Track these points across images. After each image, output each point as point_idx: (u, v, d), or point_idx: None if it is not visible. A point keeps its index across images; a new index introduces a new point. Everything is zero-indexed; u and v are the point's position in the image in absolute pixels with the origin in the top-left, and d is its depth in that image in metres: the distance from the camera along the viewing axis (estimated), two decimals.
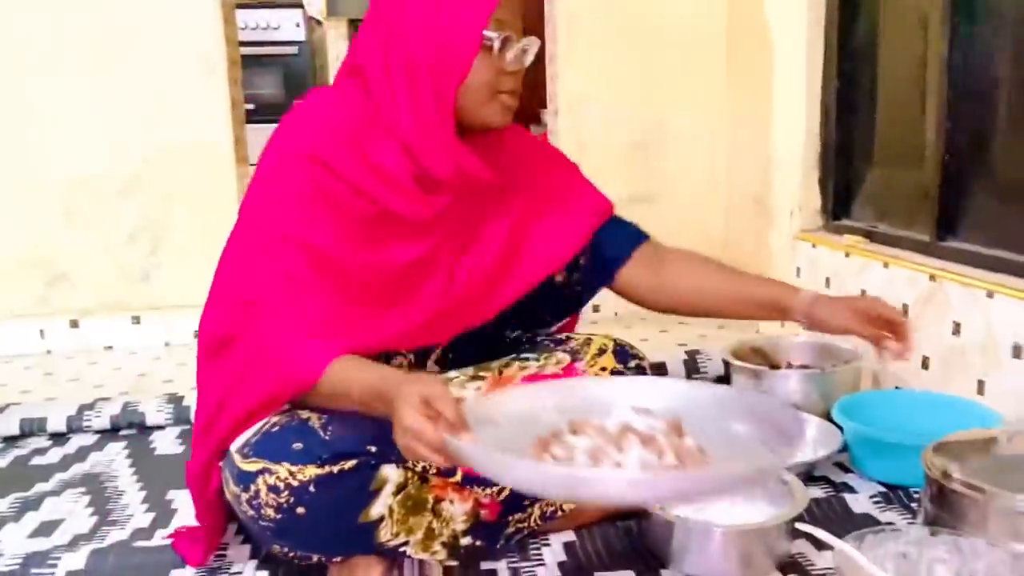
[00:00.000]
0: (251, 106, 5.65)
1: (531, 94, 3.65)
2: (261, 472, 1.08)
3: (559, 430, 1.00)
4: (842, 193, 2.25)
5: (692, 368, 2.06)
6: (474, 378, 1.30)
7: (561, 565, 1.24)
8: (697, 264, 1.41)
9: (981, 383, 1.58)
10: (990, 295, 1.55)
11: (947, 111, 1.77)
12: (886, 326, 1.29)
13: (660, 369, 2.00)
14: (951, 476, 1.15)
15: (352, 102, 1.18)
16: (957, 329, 1.64)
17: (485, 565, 1.24)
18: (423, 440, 0.95)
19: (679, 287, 1.39)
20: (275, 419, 1.13)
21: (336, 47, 5.95)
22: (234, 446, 1.12)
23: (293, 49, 5.88)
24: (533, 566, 1.24)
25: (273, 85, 5.91)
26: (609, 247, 1.38)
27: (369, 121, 1.17)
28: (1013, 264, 1.59)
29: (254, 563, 1.27)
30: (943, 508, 1.15)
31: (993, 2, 1.70)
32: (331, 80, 5.32)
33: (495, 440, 0.98)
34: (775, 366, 1.84)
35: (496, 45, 1.13)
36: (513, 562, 1.25)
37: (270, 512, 1.08)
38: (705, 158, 2.80)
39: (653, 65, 2.74)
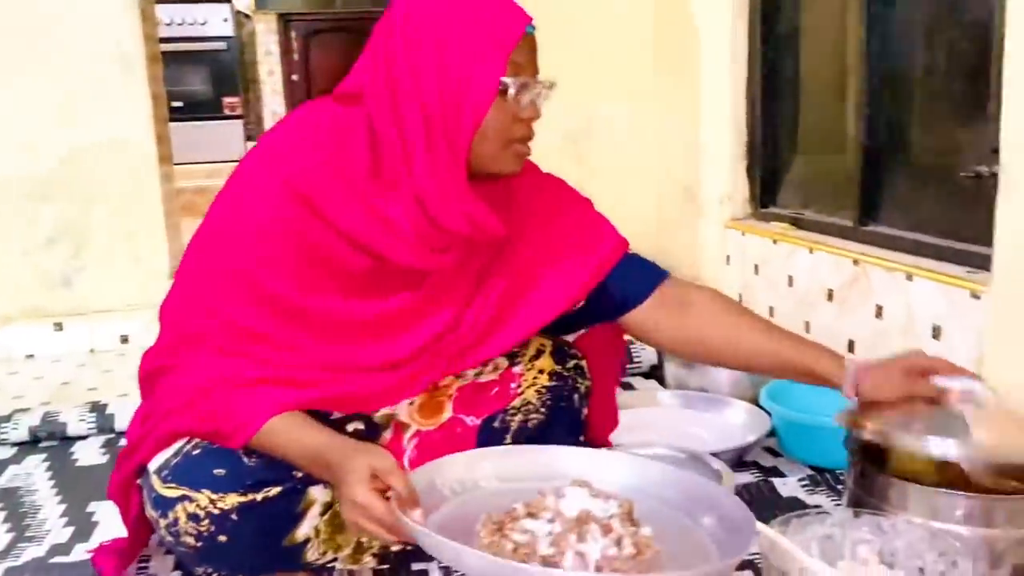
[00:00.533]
0: (179, 104, 5.55)
1: None
2: (180, 499, 1.04)
3: (515, 511, 0.97)
4: (769, 181, 2.28)
5: (626, 359, 2.06)
6: None
7: None
8: (727, 313, 1.23)
9: None
10: (910, 278, 1.58)
11: (867, 99, 1.81)
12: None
13: None
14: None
15: (355, 139, 1.08)
16: (880, 312, 1.67)
17: (416, 566, 1.22)
18: (373, 517, 0.92)
19: (709, 337, 1.22)
20: (197, 439, 1.08)
21: (266, 42, 5.83)
22: (152, 465, 1.08)
23: (221, 44, 5.75)
24: None
25: (201, 82, 5.78)
26: (620, 288, 1.25)
27: (374, 166, 1.07)
28: (931, 247, 1.63)
29: (178, 574, 1.23)
30: (866, 489, 1.17)
31: None
32: (261, 76, 5.15)
33: (444, 515, 0.97)
34: None
35: (513, 91, 1.04)
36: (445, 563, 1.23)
37: (190, 540, 1.04)
38: (636, 149, 2.82)
39: (582, 57, 2.74)
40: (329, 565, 1.13)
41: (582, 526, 0.92)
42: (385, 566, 1.19)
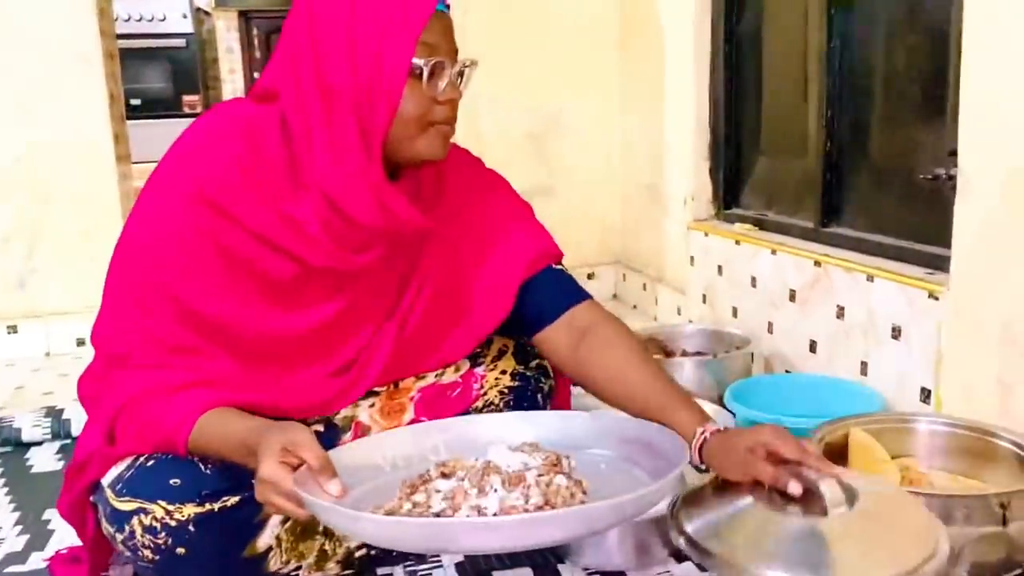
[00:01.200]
0: (137, 101, 5.45)
1: None
2: (136, 512, 1.01)
3: (427, 474, 0.96)
4: (733, 182, 2.30)
5: None
6: (369, 395, 1.22)
7: (459, 566, 1.22)
8: (617, 349, 1.17)
9: (864, 364, 1.63)
10: (870, 279, 1.60)
11: (828, 102, 1.83)
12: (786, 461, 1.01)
13: None
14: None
15: (268, 138, 1.06)
16: (841, 312, 1.69)
17: (381, 571, 1.21)
18: (279, 490, 0.89)
19: (591, 372, 1.18)
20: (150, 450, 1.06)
21: (226, 39, 5.75)
22: (106, 479, 1.05)
23: (180, 41, 5.67)
24: (431, 568, 1.22)
25: (160, 79, 5.69)
26: (536, 304, 1.22)
27: (289, 165, 1.05)
28: (891, 248, 1.65)
29: None
30: None
31: None
32: (222, 74, 5.09)
33: (374, 487, 0.95)
34: (670, 354, 1.87)
35: (426, 72, 1.01)
36: (410, 566, 1.22)
37: (147, 553, 1.02)
38: (601, 148, 2.83)
39: (547, 57, 2.74)
40: (293, 575, 1.11)
41: (483, 479, 0.91)
42: (349, 571, 1.18)
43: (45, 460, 1.71)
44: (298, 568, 1.11)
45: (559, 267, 1.26)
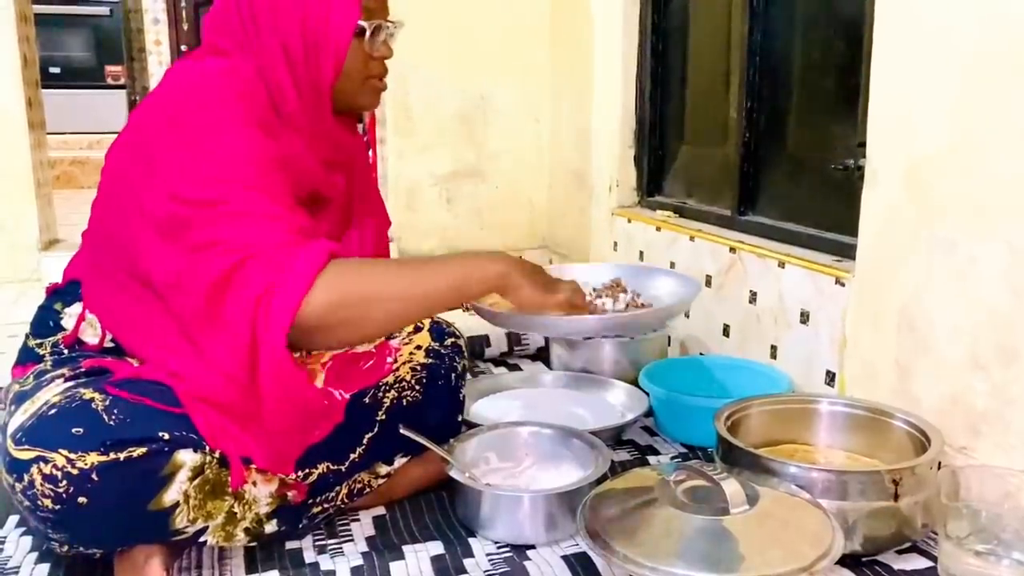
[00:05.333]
0: (56, 70, 5.26)
1: None
2: (36, 460, 0.98)
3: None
4: (655, 170, 2.34)
5: (515, 341, 2.08)
6: None
7: (370, 540, 1.22)
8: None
9: (774, 347, 1.68)
10: (781, 265, 1.65)
11: (747, 93, 1.87)
12: None
13: (485, 342, 2.02)
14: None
15: (253, 86, 1.14)
16: (753, 297, 1.74)
17: (290, 545, 1.20)
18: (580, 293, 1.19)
19: None
20: (53, 400, 1.03)
21: (152, 10, 5.59)
22: (10, 428, 1.02)
23: (104, 10, 5.49)
24: (340, 543, 1.21)
25: (82, 47, 5.50)
26: None
27: (270, 105, 1.16)
28: (802, 236, 1.70)
29: (34, 556, 1.17)
30: (732, 463, 1.22)
31: None
32: (147, 45, 4.95)
33: None
34: (589, 336, 1.89)
35: (368, 34, 1.17)
36: (320, 539, 1.22)
37: (47, 503, 0.98)
38: (529, 133, 2.84)
39: (478, 39, 2.74)
40: (200, 539, 1.09)
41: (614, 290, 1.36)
42: (254, 544, 1.16)
43: None
44: (204, 529, 1.09)
45: None
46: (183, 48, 5.63)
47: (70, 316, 1.20)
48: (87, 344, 1.18)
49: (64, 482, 0.98)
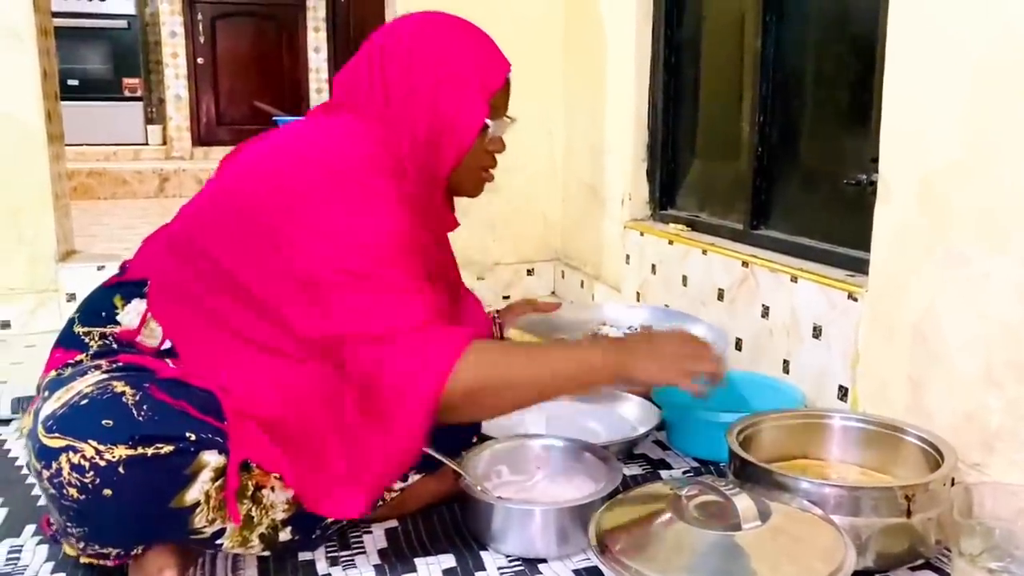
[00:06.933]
0: (75, 82, 5.32)
1: None
2: (65, 449, 0.99)
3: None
4: (668, 184, 2.34)
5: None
6: None
7: (382, 552, 1.23)
8: None
9: (786, 362, 1.68)
10: (794, 279, 1.65)
11: (760, 107, 1.88)
12: None
13: None
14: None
15: (386, 146, 1.18)
16: (766, 311, 1.74)
17: (303, 556, 1.21)
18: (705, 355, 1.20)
19: None
20: (85, 390, 1.04)
21: (170, 23, 5.65)
22: (41, 416, 1.03)
23: (122, 23, 5.55)
24: (353, 555, 1.22)
25: (100, 61, 5.57)
26: None
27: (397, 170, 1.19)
28: (814, 251, 1.70)
29: (51, 566, 1.18)
30: (745, 479, 1.22)
31: (802, 3, 1.81)
32: (164, 58, 5.00)
33: None
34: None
35: (491, 132, 1.22)
36: (332, 551, 1.22)
37: (72, 492, 1.00)
38: (543, 146, 2.85)
39: None
40: (217, 541, 1.10)
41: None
42: (267, 553, 1.17)
43: None
44: (221, 532, 1.10)
45: None
46: (199, 60, 5.69)
47: (129, 313, 1.19)
48: (143, 344, 1.18)
49: (91, 473, 0.99)
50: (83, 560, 1.08)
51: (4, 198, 2.39)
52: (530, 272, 2.90)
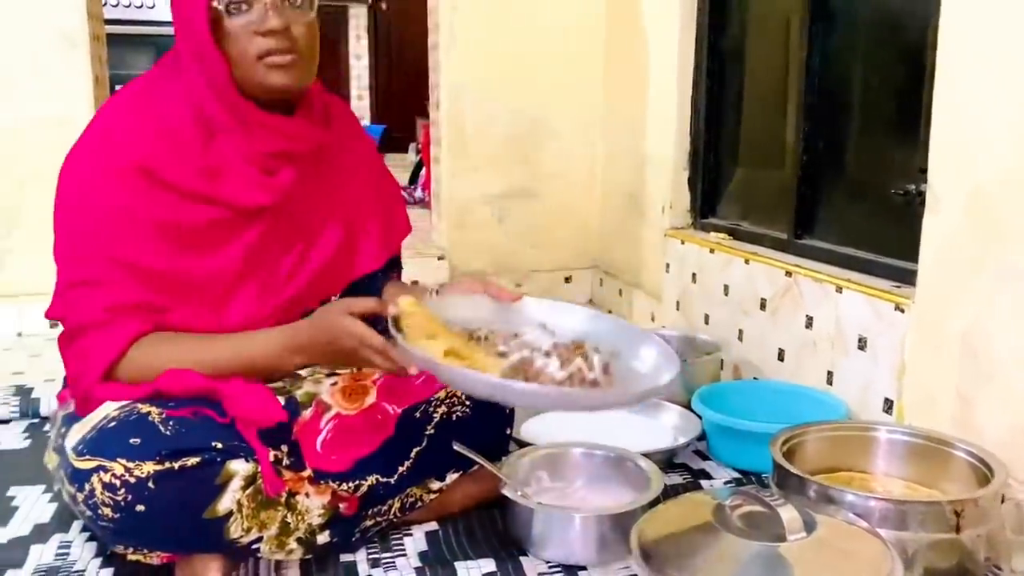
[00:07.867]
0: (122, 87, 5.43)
1: (419, 82, 3.63)
2: (96, 470, 1.02)
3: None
4: (709, 192, 2.33)
5: None
6: (331, 375, 1.30)
7: (423, 555, 1.23)
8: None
9: (830, 373, 1.66)
10: (839, 290, 1.63)
11: (805, 116, 1.86)
12: None
13: None
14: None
15: (172, 98, 1.15)
16: (810, 322, 1.72)
17: (344, 557, 1.22)
18: (369, 343, 1.06)
19: None
20: (112, 414, 1.07)
21: None
22: (69, 442, 1.06)
23: (169, 29, 5.64)
24: (394, 556, 1.23)
25: (147, 65, 5.66)
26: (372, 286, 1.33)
27: (194, 118, 1.15)
28: (860, 261, 1.68)
29: (99, 561, 1.21)
30: (788, 490, 1.20)
31: (849, 10, 1.79)
32: None
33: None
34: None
35: (223, 10, 1.10)
36: (373, 552, 1.23)
37: (107, 511, 1.03)
38: (583, 154, 2.85)
39: (533, 61, 2.76)
40: (254, 548, 1.12)
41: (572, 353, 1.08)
42: (309, 556, 1.18)
43: (12, 438, 1.70)
44: (259, 540, 1.12)
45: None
46: None
47: None
48: None
49: (122, 490, 1.02)
50: (130, 557, 1.10)
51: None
52: (568, 279, 2.90)
